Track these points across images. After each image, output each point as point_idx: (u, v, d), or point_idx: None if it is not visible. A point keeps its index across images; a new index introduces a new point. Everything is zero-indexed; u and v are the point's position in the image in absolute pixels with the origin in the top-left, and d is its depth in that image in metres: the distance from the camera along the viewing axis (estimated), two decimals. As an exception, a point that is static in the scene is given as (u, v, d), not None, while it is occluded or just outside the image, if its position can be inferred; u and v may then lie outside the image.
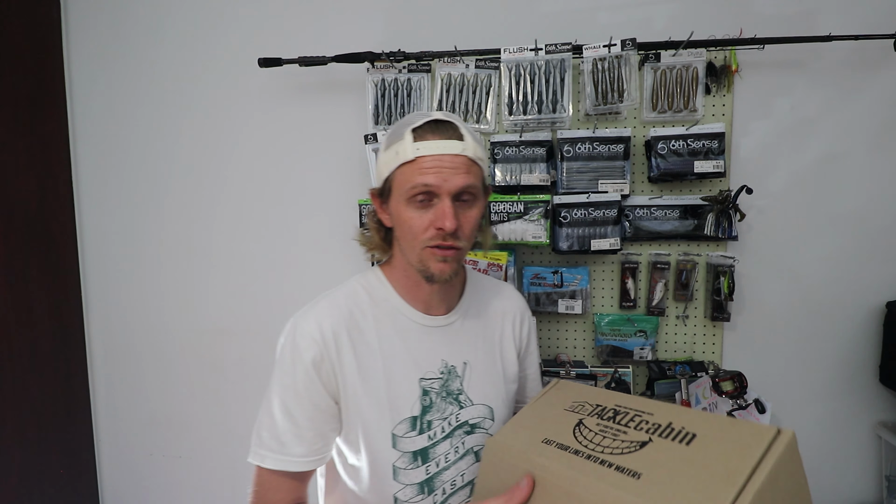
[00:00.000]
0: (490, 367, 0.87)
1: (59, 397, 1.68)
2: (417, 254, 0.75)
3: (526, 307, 0.99)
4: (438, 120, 0.74)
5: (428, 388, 0.80)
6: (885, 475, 1.37)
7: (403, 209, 0.74)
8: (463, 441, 0.82)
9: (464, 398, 0.83)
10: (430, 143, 0.71)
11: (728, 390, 1.26)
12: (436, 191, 0.72)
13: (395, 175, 0.74)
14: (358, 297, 0.81)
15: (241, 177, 1.61)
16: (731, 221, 1.33)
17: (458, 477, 0.82)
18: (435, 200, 0.73)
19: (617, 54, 1.31)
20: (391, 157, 0.74)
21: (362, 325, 0.78)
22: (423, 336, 0.81)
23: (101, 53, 1.64)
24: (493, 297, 0.93)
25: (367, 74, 1.44)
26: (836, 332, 1.39)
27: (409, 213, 0.74)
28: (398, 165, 0.73)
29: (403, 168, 0.73)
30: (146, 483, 1.76)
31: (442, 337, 0.83)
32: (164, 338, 1.69)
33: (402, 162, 0.72)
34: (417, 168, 0.71)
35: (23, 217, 1.59)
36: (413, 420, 0.78)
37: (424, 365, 0.80)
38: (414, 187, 0.71)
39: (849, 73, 1.33)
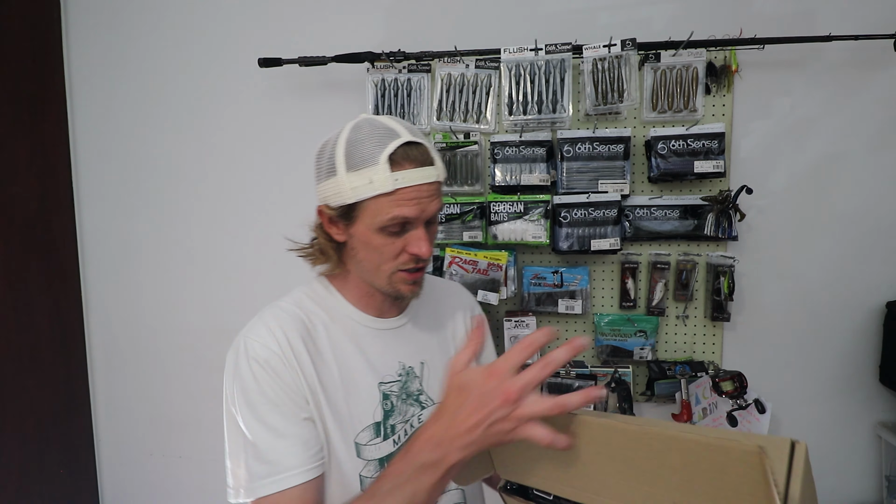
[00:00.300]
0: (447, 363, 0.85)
1: (59, 397, 1.68)
2: (386, 278, 0.73)
3: (475, 302, 0.97)
4: (411, 142, 0.69)
5: (388, 391, 0.77)
6: (885, 475, 1.37)
7: (373, 236, 0.70)
8: None
9: (424, 398, 0.81)
10: (409, 172, 0.67)
11: (728, 390, 1.26)
12: (414, 221, 0.70)
13: (369, 204, 0.68)
14: (305, 306, 0.77)
15: (241, 177, 1.61)
16: (731, 221, 1.33)
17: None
18: (408, 227, 0.70)
19: (617, 54, 1.31)
20: (362, 183, 0.67)
21: (314, 334, 0.74)
22: (377, 340, 0.79)
23: (101, 53, 1.64)
24: (442, 295, 0.92)
25: (367, 74, 1.44)
26: (836, 332, 1.39)
27: (380, 240, 0.70)
28: (373, 196, 0.67)
29: (380, 199, 0.67)
30: (146, 483, 1.76)
31: (396, 339, 0.81)
32: (164, 338, 1.69)
33: (378, 193, 0.67)
34: (396, 200, 0.67)
35: (23, 218, 1.59)
36: (377, 426, 0.75)
37: (382, 369, 0.78)
38: (393, 219, 0.68)
39: (849, 73, 1.33)
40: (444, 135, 1.40)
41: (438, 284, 0.95)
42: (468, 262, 1.37)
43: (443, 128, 1.42)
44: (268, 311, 0.75)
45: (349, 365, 0.75)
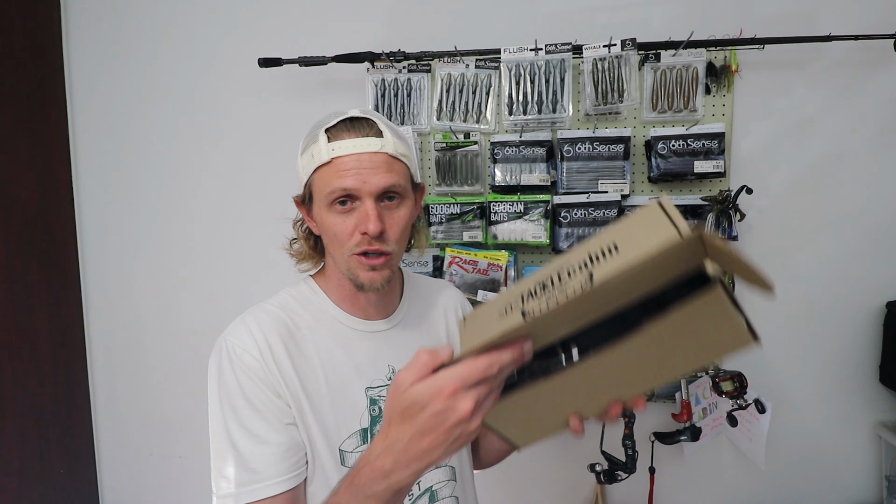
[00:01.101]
0: None
1: (59, 397, 1.68)
2: (346, 262, 0.71)
3: (464, 299, 0.95)
4: (354, 117, 0.69)
5: (376, 396, 0.75)
6: (885, 475, 1.37)
7: (325, 215, 0.69)
8: None
9: None
10: (346, 142, 0.67)
11: (728, 390, 1.25)
12: (356, 193, 0.67)
13: (314, 179, 0.70)
14: (290, 309, 0.75)
15: (241, 177, 1.61)
16: (731, 221, 1.33)
17: (415, 486, 0.76)
18: (357, 203, 0.68)
19: (617, 54, 1.31)
20: (307, 160, 0.70)
21: (298, 338, 0.72)
22: (365, 343, 0.77)
23: (101, 53, 1.64)
24: (433, 295, 0.90)
25: (367, 74, 1.44)
26: (836, 332, 1.39)
27: (331, 219, 0.69)
28: (314, 169, 0.69)
29: (320, 171, 0.68)
30: (146, 483, 1.76)
31: (385, 342, 0.78)
32: (164, 338, 1.69)
33: (318, 165, 0.68)
34: (334, 170, 0.67)
35: (23, 217, 1.59)
36: (363, 433, 0.73)
37: (370, 373, 0.75)
38: (332, 192, 0.67)
39: (849, 73, 1.33)
40: (444, 135, 1.40)
41: (427, 284, 0.93)
42: (468, 262, 1.37)
43: (443, 128, 1.42)
44: (250, 314, 0.74)
45: (335, 369, 0.73)
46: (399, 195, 0.71)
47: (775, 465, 1.43)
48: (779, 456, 1.42)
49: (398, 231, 0.71)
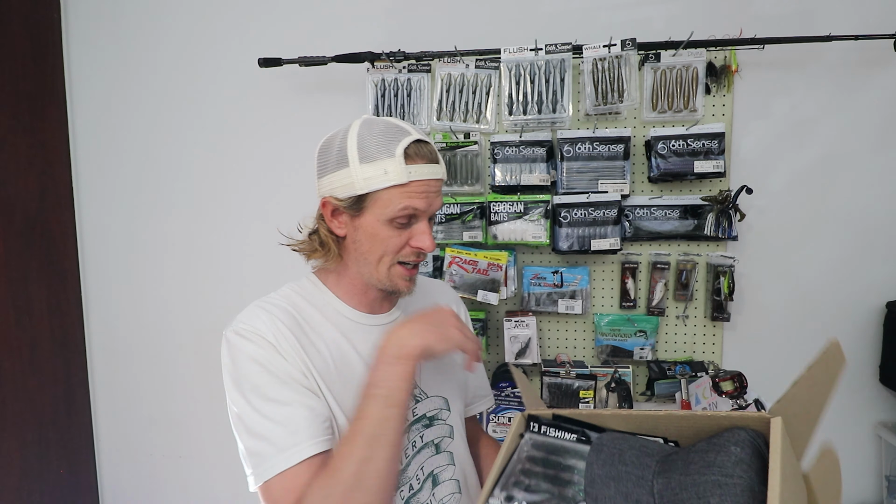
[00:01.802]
0: (441, 358, 0.84)
1: (59, 397, 1.68)
2: (385, 270, 0.74)
3: (458, 298, 1.00)
4: (421, 140, 0.72)
5: None
6: (885, 475, 1.37)
7: (381, 227, 0.72)
8: (421, 435, 0.81)
9: (418, 392, 0.82)
10: (421, 167, 0.71)
11: (728, 390, 1.25)
12: (421, 215, 0.73)
13: (381, 194, 0.71)
14: (295, 304, 0.78)
15: (241, 177, 1.61)
16: (731, 221, 1.33)
17: (419, 470, 0.80)
18: (413, 220, 0.73)
19: (617, 54, 1.31)
20: (377, 174, 0.70)
21: (305, 328, 0.75)
22: (368, 335, 0.79)
23: (101, 53, 1.64)
24: (431, 293, 0.93)
25: (367, 74, 1.44)
26: (836, 332, 1.38)
27: (387, 232, 0.72)
28: (387, 186, 0.70)
29: (393, 189, 0.70)
30: (146, 483, 1.76)
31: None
32: (164, 338, 1.69)
33: (393, 184, 0.70)
34: (409, 192, 0.70)
35: (23, 217, 1.59)
36: None
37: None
38: (404, 209, 0.70)
39: (849, 73, 1.33)
40: (444, 135, 1.40)
41: (423, 282, 0.95)
42: (468, 262, 1.37)
43: (443, 128, 1.42)
44: (255, 305, 0.77)
45: (342, 357, 0.76)
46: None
47: (775, 465, 1.43)
48: (779, 456, 1.42)
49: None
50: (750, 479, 0.52)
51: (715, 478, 0.53)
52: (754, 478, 0.53)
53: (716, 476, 0.53)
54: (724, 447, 0.55)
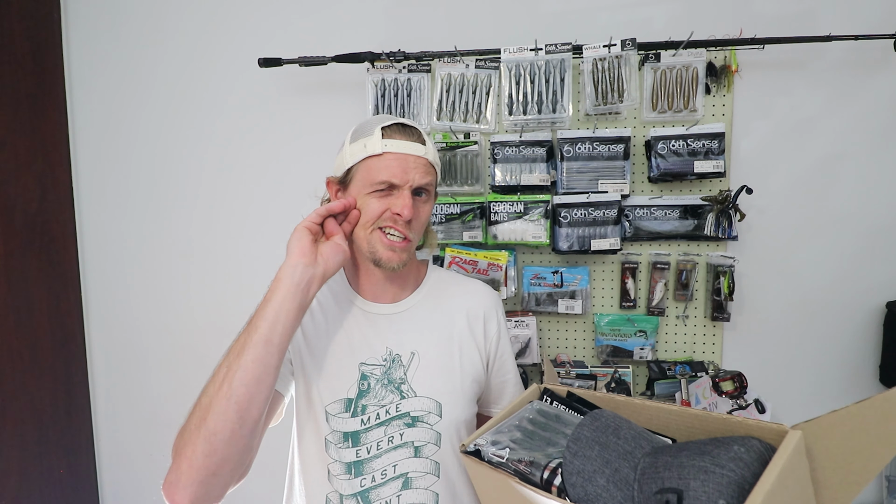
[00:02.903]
0: (445, 362, 0.85)
1: (59, 397, 1.68)
2: (367, 236, 0.80)
3: (496, 306, 0.94)
4: (405, 123, 0.82)
5: (368, 372, 0.82)
6: (885, 475, 1.37)
7: (364, 197, 0.80)
8: (401, 432, 0.81)
9: (406, 388, 0.82)
10: (398, 142, 0.79)
11: (728, 390, 1.26)
12: (398, 184, 0.79)
13: (360, 166, 0.80)
14: None
15: (240, 176, 1.61)
16: (731, 221, 1.33)
17: (390, 467, 0.80)
18: (395, 192, 0.79)
19: (617, 54, 1.31)
20: (358, 149, 0.80)
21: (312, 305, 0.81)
22: (367, 322, 0.85)
23: (101, 53, 1.64)
24: (456, 293, 0.92)
25: (367, 74, 1.44)
26: (836, 332, 1.39)
27: (367, 200, 0.80)
28: (365, 157, 0.79)
29: (370, 160, 0.79)
30: (146, 483, 1.76)
31: (388, 325, 0.85)
32: (164, 338, 1.69)
33: (369, 154, 0.79)
34: (384, 162, 0.78)
35: (23, 217, 1.59)
36: (348, 402, 0.81)
37: (366, 350, 0.83)
38: (380, 180, 0.78)
39: (849, 73, 1.33)
40: (444, 135, 1.40)
41: (458, 282, 0.95)
42: (468, 262, 1.37)
43: (443, 128, 1.42)
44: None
45: (336, 339, 0.83)
46: (427, 194, 0.84)
47: (775, 465, 1.43)
48: (779, 456, 1.42)
49: (421, 223, 0.83)
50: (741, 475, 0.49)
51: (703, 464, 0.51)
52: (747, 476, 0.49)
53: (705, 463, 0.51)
54: (727, 444, 0.53)
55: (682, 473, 0.51)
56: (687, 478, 0.50)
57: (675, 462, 0.53)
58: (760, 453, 0.52)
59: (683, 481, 0.50)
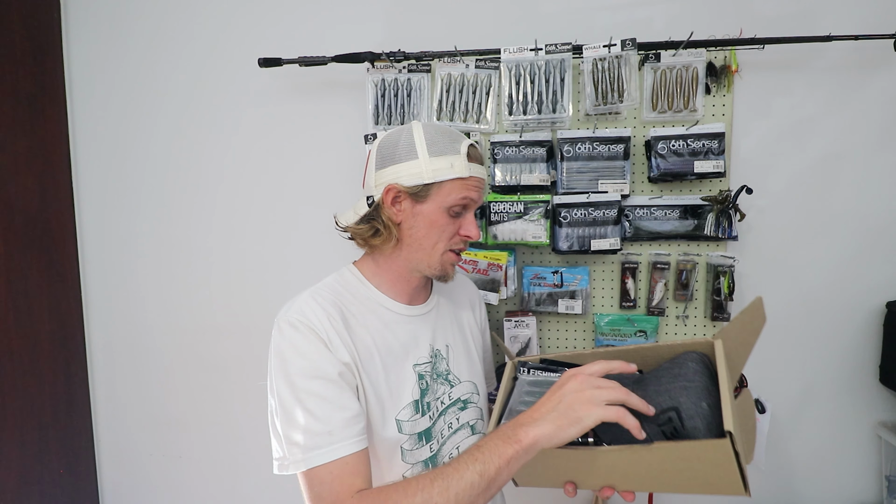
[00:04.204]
0: (467, 347, 0.96)
1: (59, 397, 1.68)
2: (438, 257, 0.83)
3: (478, 290, 1.12)
4: (474, 143, 0.85)
5: (422, 372, 0.85)
6: (885, 475, 1.37)
7: (440, 215, 0.81)
8: (457, 417, 0.89)
9: (452, 377, 0.90)
10: (478, 166, 0.83)
11: (728, 390, 1.26)
12: (472, 206, 0.83)
13: (445, 185, 0.80)
14: (341, 295, 0.82)
15: (240, 177, 1.61)
16: (731, 221, 1.33)
17: (455, 450, 0.88)
18: (463, 211, 0.83)
19: (617, 54, 1.31)
20: (444, 166, 0.79)
21: (352, 322, 0.80)
22: (407, 325, 0.87)
23: (101, 53, 1.64)
24: (455, 285, 1.01)
25: (367, 74, 1.44)
26: (836, 332, 1.39)
27: (444, 220, 0.81)
28: (452, 178, 0.80)
29: (456, 182, 0.81)
30: (146, 483, 1.76)
31: (424, 324, 0.89)
32: (164, 338, 1.70)
33: (457, 176, 0.80)
34: (468, 185, 0.81)
35: (23, 217, 1.59)
36: (415, 404, 0.83)
37: (415, 352, 0.86)
38: (463, 199, 0.81)
39: (849, 73, 1.33)
40: (444, 135, 1.40)
41: None
42: (468, 261, 1.37)
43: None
44: (306, 294, 0.81)
45: (387, 347, 0.82)
46: None
47: (775, 465, 1.43)
48: (779, 456, 1.43)
49: None
50: (705, 381, 0.70)
51: (682, 384, 0.69)
52: (708, 381, 0.70)
53: (682, 383, 0.69)
54: (684, 364, 0.73)
55: (671, 395, 0.68)
56: (676, 397, 0.67)
57: (662, 388, 0.70)
58: (704, 361, 0.75)
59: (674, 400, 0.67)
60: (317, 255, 1.58)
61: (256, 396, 1.65)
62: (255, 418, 1.65)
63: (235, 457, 1.67)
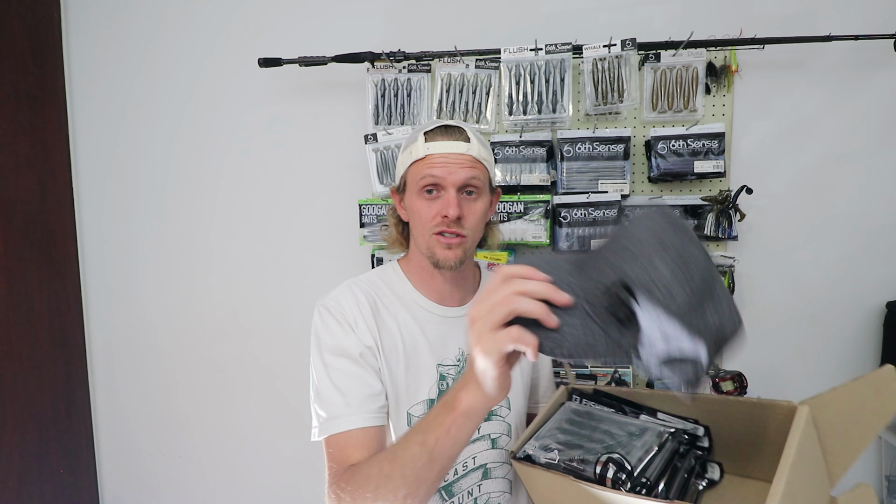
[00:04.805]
0: None
1: (59, 397, 1.68)
2: (426, 241, 0.82)
3: None
4: (449, 125, 0.84)
5: (445, 373, 0.85)
6: (885, 475, 1.37)
7: (415, 200, 0.83)
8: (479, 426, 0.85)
9: None
10: (439, 143, 0.81)
11: (728, 390, 1.25)
12: (441, 182, 0.80)
13: (409, 172, 0.84)
14: (377, 287, 0.87)
15: (240, 177, 1.61)
16: (731, 221, 1.33)
17: (470, 459, 0.85)
18: (442, 193, 0.81)
19: (617, 54, 1.31)
20: (406, 156, 0.84)
21: (383, 313, 0.83)
22: (439, 325, 0.87)
23: (101, 53, 1.64)
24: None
25: (367, 74, 1.44)
26: (836, 332, 1.39)
27: (419, 204, 0.82)
28: (411, 163, 0.83)
29: (415, 165, 0.82)
30: (146, 483, 1.76)
31: (458, 327, 0.88)
32: (164, 338, 1.69)
33: (414, 160, 0.82)
34: (427, 164, 0.81)
35: (23, 217, 1.59)
36: (430, 403, 0.83)
37: (441, 352, 0.85)
38: (423, 178, 0.81)
39: (849, 73, 1.33)
40: (444, 135, 1.40)
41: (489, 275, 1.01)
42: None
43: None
44: (344, 284, 0.86)
45: (412, 341, 0.84)
46: (477, 190, 0.83)
47: (775, 465, 1.43)
48: (779, 456, 1.42)
49: (474, 220, 0.83)
50: (667, 238, 0.49)
51: (623, 245, 0.50)
52: (672, 237, 0.49)
53: (624, 244, 0.50)
54: (635, 223, 0.53)
55: (613, 266, 0.49)
56: (619, 265, 0.49)
57: (602, 262, 0.51)
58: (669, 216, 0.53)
59: (618, 271, 0.49)
60: (315, 255, 1.58)
61: (257, 396, 1.65)
62: (256, 418, 1.65)
63: (235, 457, 1.67)
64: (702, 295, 0.47)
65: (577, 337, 0.47)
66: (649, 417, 0.78)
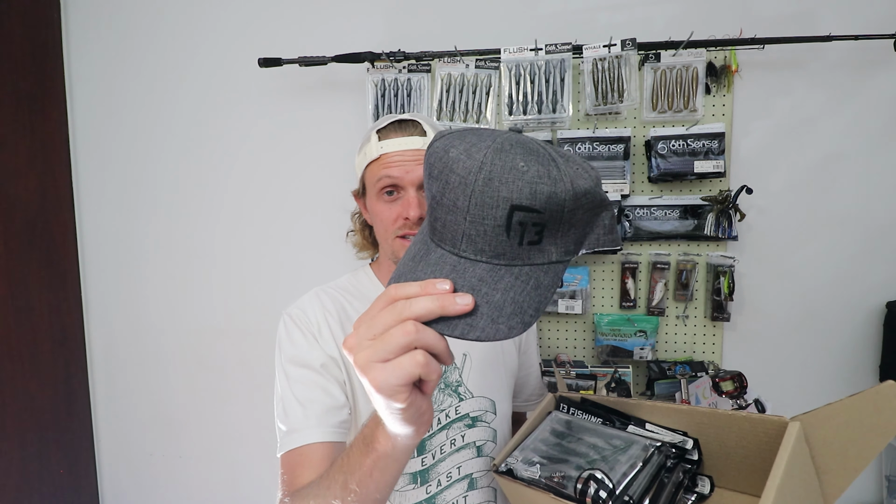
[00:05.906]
0: (491, 359, 0.88)
1: (59, 397, 1.68)
2: (390, 244, 0.78)
3: None
4: (402, 119, 0.79)
5: None
6: (885, 475, 1.37)
7: (375, 203, 0.78)
8: (463, 434, 0.82)
9: (463, 390, 0.83)
10: (393, 140, 0.76)
11: (728, 390, 1.25)
12: (399, 182, 0.75)
13: (366, 174, 0.79)
14: (347, 291, 0.84)
15: (240, 177, 1.61)
16: (731, 221, 1.33)
17: (455, 469, 0.81)
18: (402, 193, 0.76)
19: (617, 54, 1.31)
20: (361, 158, 0.80)
21: (352, 319, 0.79)
22: None
23: (101, 53, 1.64)
24: None
25: (367, 74, 1.44)
26: (836, 332, 1.39)
27: (379, 207, 0.78)
28: (367, 164, 0.78)
29: (371, 166, 0.78)
30: (146, 483, 1.76)
31: None
32: (163, 338, 1.69)
33: (369, 161, 0.78)
34: (382, 164, 0.76)
35: (23, 217, 1.59)
36: None
37: None
38: (380, 179, 0.76)
39: (849, 73, 1.33)
40: (444, 135, 1.40)
41: None
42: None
43: (443, 128, 1.42)
44: (314, 290, 0.84)
45: None
46: None
47: (775, 465, 1.43)
48: (779, 456, 1.42)
49: None
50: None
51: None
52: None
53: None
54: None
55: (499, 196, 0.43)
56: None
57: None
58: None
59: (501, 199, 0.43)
60: (315, 255, 1.58)
61: (256, 396, 1.65)
62: (255, 418, 1.65)
63: (235, 457, 1.67)
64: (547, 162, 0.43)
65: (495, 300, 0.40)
66: (637, 428, 0.76)
